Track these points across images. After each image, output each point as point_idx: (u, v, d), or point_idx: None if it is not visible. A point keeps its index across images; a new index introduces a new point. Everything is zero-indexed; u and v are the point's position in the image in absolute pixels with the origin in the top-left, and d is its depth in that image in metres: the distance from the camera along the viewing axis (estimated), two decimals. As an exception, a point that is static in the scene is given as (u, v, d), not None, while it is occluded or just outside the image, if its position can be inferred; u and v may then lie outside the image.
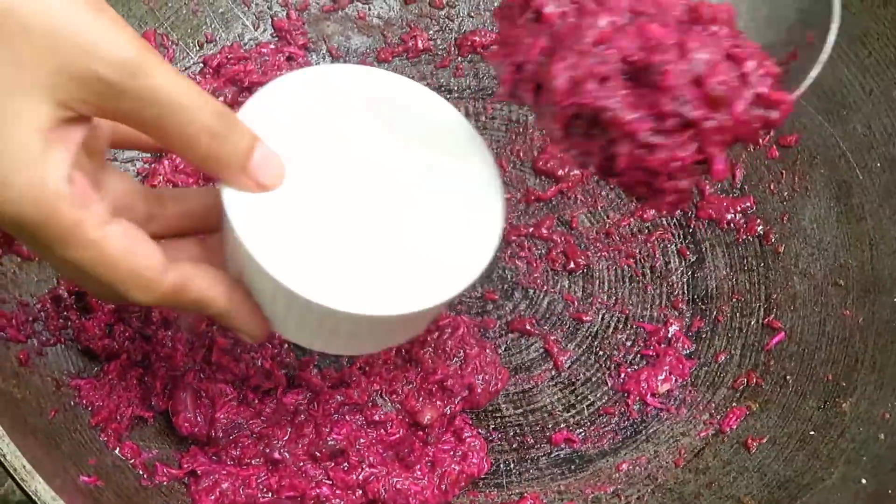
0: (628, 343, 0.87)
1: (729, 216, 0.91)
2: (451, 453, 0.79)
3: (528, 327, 0.87)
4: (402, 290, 0.59)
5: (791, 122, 0.89)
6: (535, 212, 0.92)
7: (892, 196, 0.83)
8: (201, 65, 0.90)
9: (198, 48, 0.91)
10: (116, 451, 0.74)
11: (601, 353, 0.87)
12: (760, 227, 0.90)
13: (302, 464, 0.76)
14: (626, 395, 0.85)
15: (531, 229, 0.90)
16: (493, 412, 0.84)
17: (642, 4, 0.55)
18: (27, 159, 0.49)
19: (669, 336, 0.87)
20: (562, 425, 0.84)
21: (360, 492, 0.76)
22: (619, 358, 0.87)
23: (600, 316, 0.89)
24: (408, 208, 0.64)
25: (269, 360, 0.80)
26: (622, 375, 0.86)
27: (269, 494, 0.75)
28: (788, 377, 0.83)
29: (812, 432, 0.79)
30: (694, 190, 0.92)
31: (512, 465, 0.82)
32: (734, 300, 0.88)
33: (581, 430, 0.84)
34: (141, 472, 0.74)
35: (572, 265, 0.90)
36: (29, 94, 0.49)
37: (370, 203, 0.63)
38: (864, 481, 0.74)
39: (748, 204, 0.91)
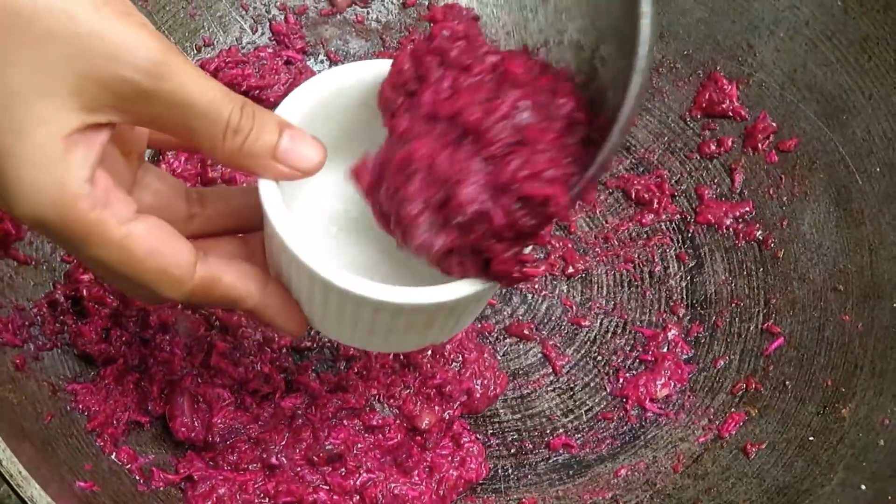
0: (627, 348, 0.87)
1: (728, 221, 0.91)
2: (450, 458, 0.79)
3: (526, 332, 0.87)
4: (437, 282, 0.59)
5: (791, 127, 0.89)
6: (534, 216, 0.91)
7: (892, 201, 0.83)
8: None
9: (195, 52, 0.90)
10: (112, 457, 0.74)
11: (600, 358, 0.87)
12: (759, 231, 0.90)
13: (299, 469, 0.76)
14: (624, 400, 0.85)
15: (530, 234, 0.90)
16: (491, 417, 0.84)
17: (448, 106, 0.55)
18: (48, 162, 0.50)
19: (668, 341, 0.87)
20: (560, 430, 0.84)
21: (358, 497, 0.76)
22: (618, 363, 0.87)
23: (599, 321, 0.88)
24: None
25: (269, 364, 0.79)
26: (621, 380, 0.86)
27: (266, 500, 0.75)
28: (787, 382, 0.83)
29: (811, 438, 0.79)
30: (692, 195, 0.92)
31: (510, 471, 0.82)
32: (733, 305, 0.88)
33: (579, 436, 0.84)
34: (137, 478, 0.74)
35: (571, 270, 0.90)
36: (55, 100, 0.49)
37: None
38: (863, 487, 0.74)
39: (747, 209, 0.91)
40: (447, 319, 0.63)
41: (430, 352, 0.82)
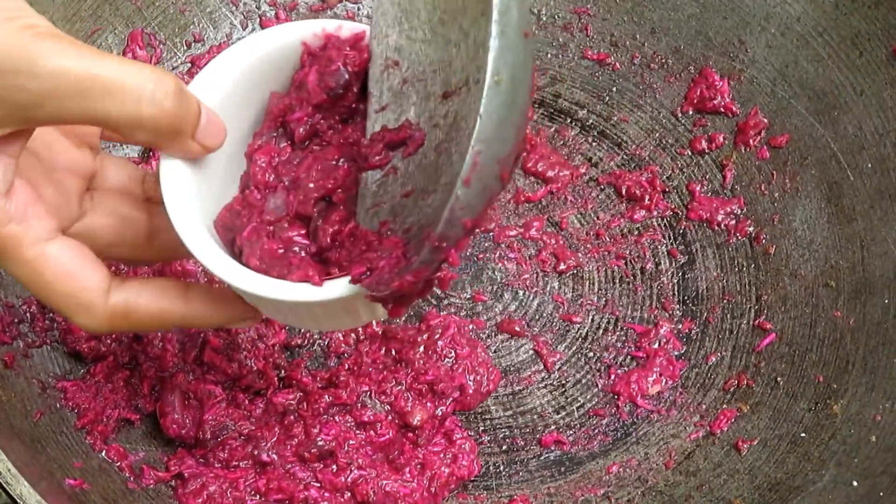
0: (618, 344, 0.87)
1: (719, 217, 0.91)
2: (442, 455, 0.79)
3: (517, 329, 0.87)
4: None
5: (782, 123, 0.89)
6: (525, 213, 0.91)
7: (883, 197, 0.83)
8: (189, 64, 0.89)
9: (185, 48, 0.90)
10: (102, 454, 0.74)
11: (591, 354, 0.87)
12: (751, 228, 0.90)
13: (290, 466, 0.76)
14: (616, 396, 0.85)
15: (521, 230, 0.90)
16: (482, 414, 0.84)
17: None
18: None
19: (660, 337, 0.87)
20: (552, 427, 0.84)
21: (349, 494, 0.76)
22: (610, 359, 0.86)
23: (590, 317, 0.88)
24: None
25: (262, 360, 0.79)
26: (612, 377, 0.85)
27: (257, 497, 0.75)
28: (779, 379, 0.83)
29: (803, 434, 0.79)
30: (684, 191, 0.92)
31: (502, 468, 0.82)
32: (725, 301, 0.88)
33: (571, 432, 0.84)
34: (127, 475, 0.73)
35: (562, 266, 0.89)
36: None
37: None
38: (855, 483, 0.74)
39: (739, 205, 0.90)
40: (368, 305, 0.60)
41: (422, 348, 0.82)
